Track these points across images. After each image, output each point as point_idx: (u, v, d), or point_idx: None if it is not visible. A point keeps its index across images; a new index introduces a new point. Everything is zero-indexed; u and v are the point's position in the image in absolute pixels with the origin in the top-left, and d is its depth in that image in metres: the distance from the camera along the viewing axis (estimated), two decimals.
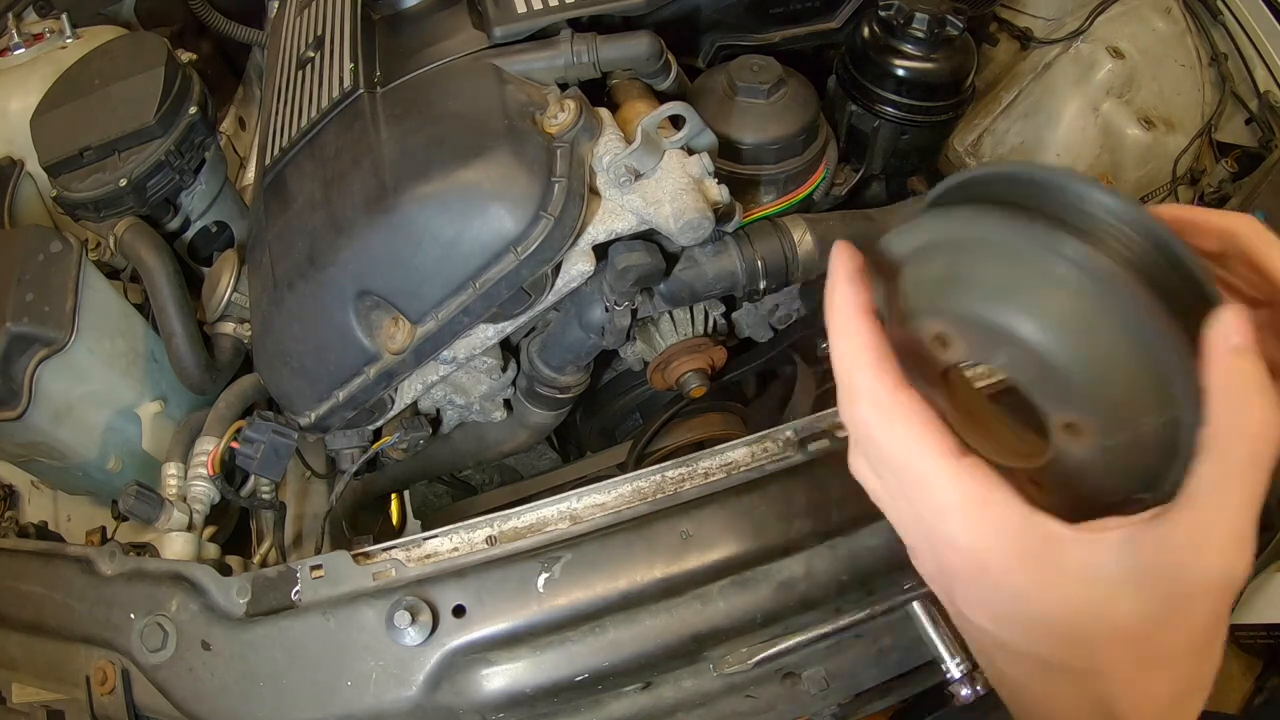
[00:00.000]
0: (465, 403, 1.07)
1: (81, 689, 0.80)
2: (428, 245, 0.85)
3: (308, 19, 1.15)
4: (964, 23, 1.06)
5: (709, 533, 0.83)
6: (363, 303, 0.89)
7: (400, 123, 0.91)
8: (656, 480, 0.87)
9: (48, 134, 1.16)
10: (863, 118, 1.13)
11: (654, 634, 0.81)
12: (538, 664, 0.80)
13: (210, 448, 0.97)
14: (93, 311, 1.04)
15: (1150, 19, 1.46)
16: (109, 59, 1.22)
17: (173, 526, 0.91)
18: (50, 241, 1.04)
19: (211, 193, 1.25)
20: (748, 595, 0.84)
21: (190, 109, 1.17)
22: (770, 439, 0.90)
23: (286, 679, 0.77)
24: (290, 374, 0.96)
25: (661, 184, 0.85)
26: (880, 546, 0.87)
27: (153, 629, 0.79)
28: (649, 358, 1.14)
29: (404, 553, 0.83)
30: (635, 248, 0.90)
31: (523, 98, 0.89)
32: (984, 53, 1.55)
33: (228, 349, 1.15)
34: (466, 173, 0.83)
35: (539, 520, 0.85)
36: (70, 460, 1.08)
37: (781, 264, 0.99)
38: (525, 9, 0.97)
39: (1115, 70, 1.41)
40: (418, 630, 0.76)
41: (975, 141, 1.51)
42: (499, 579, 0.80)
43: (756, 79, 1.01)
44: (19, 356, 0.98)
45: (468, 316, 0.87)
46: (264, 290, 0.98)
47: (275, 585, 0.80)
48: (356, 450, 1.01)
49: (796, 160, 1.03)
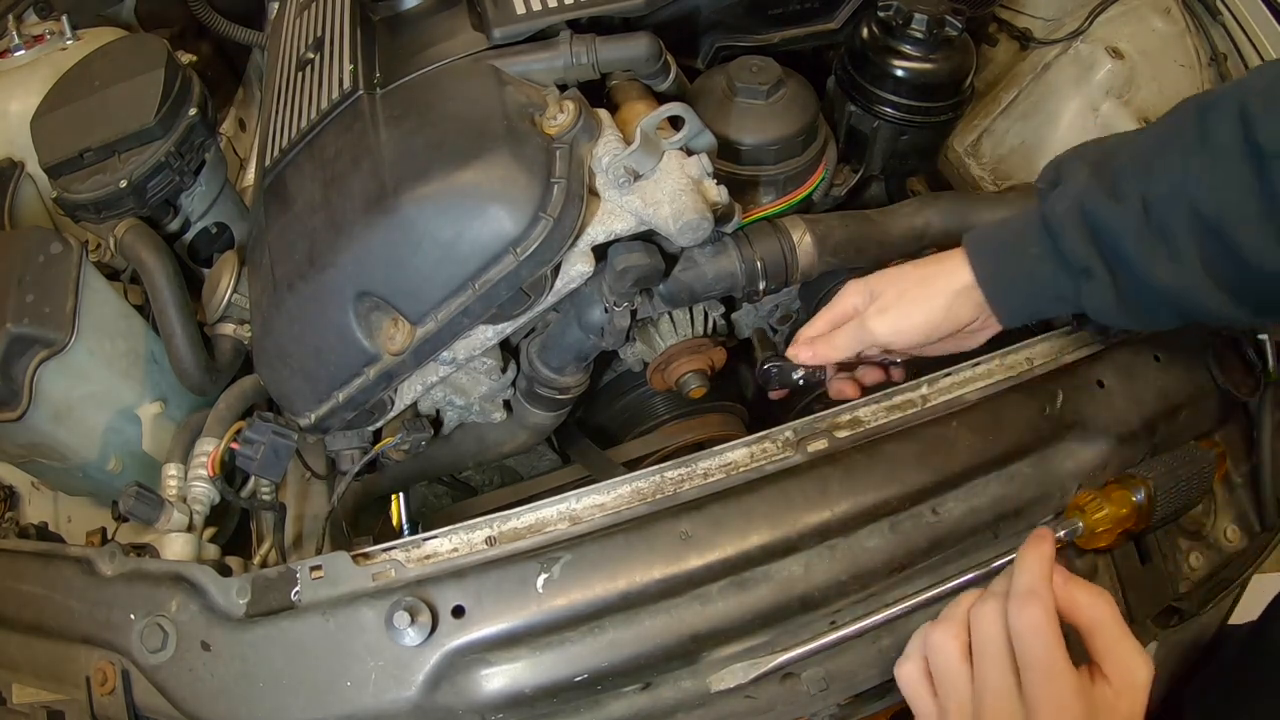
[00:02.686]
0: (465, 404, 1.07)
1: (81, 689, 0.80)
2: (427, 246, 0.85)
3: (307, 20, 1.15)
4: (963, 23, 1.06)
5: (708, 533, 0.83)
6: (362, 304, 0.89)
7: (400, 124, 0.91)
8: (656, 481, 0.87)
9: (48, 135, 1.16)
10: (862, 118, 1.13)
11: (653, 634, 0.81)
12: (537, 664, 0.80)
13: (210, 449, 0.97)
14: (93, 313, 1.04)
15: (1150, 19, 1.45)
16: (109, 60, 1.22)
17: (173, 527, 0.91)
18: (50, 243, 1.04)
19: (211, 194, 1.25)
20: (747, 595, 0.84)
21: (190, 110, 1.17)
22: (769, 439, 0.90)
23: (286, 679, 0.77)
24: (290, 375, 0.96)
25: (660, 185, 0.85)
26: (880, 547, 0.87)
27: (153, 629, 0.78)
28: (649, 358, 1.14)
29: (403, 553, 0.83)
30: (634, 249, 0.91)
31: (522, 99, 0.90)
32: (983, 53, 1.55)
33: (228, 350, 1.15)
34: (466, 174, 0.83)
35: (538, 521, 0.85)
36: (70, 461, 1.08)
37: (781, 265, 0.99)
38: (524, 10, 0.97)
39: (1115, 70, 1.41)
40: (417, 631, 0.76)
41: (975, 142, 1.51)
42: (498, 579, 0.80)
43: (755, 80, 1.01)
44: (19, 357, 0.98)
45: (467, 317, 0.87)
46: (264, 291, 0.98)
47: (275, 586, 0.80)
48: (357, 451, 1.01)
49: (796, 161, 1.03)
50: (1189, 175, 0.73)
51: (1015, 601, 0.67)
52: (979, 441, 0.90)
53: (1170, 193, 0.74)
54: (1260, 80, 0.73)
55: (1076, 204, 0.80)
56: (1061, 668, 0.65)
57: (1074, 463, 0.93)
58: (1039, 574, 0.68)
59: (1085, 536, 0.88)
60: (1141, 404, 0.96)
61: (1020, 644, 0.66)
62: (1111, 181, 0.78)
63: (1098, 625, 0.67)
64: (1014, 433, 0.92)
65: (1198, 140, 0.73)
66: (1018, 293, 0.86)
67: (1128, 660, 0.66)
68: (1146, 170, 0.76)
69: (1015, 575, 0.69)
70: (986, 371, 0.97)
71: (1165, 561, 1.02)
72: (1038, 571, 0.68)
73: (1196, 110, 0.75)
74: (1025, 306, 0.88)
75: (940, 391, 0.95)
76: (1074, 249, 0.80)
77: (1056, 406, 0.94)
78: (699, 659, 0.84)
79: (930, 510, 0.89)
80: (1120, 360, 0.98)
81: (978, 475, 0.91)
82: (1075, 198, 0.80)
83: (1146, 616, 0.98)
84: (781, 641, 0.85)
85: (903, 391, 0.95)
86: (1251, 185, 0.70)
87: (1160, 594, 1.00)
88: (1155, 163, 0.76)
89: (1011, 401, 0.93)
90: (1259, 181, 0.69)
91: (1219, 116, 0.72)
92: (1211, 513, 1.09)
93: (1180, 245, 0.74)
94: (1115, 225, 0.77)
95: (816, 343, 0.95)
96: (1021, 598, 0.67)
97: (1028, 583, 0.68)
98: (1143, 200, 0.75)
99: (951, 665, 0.69)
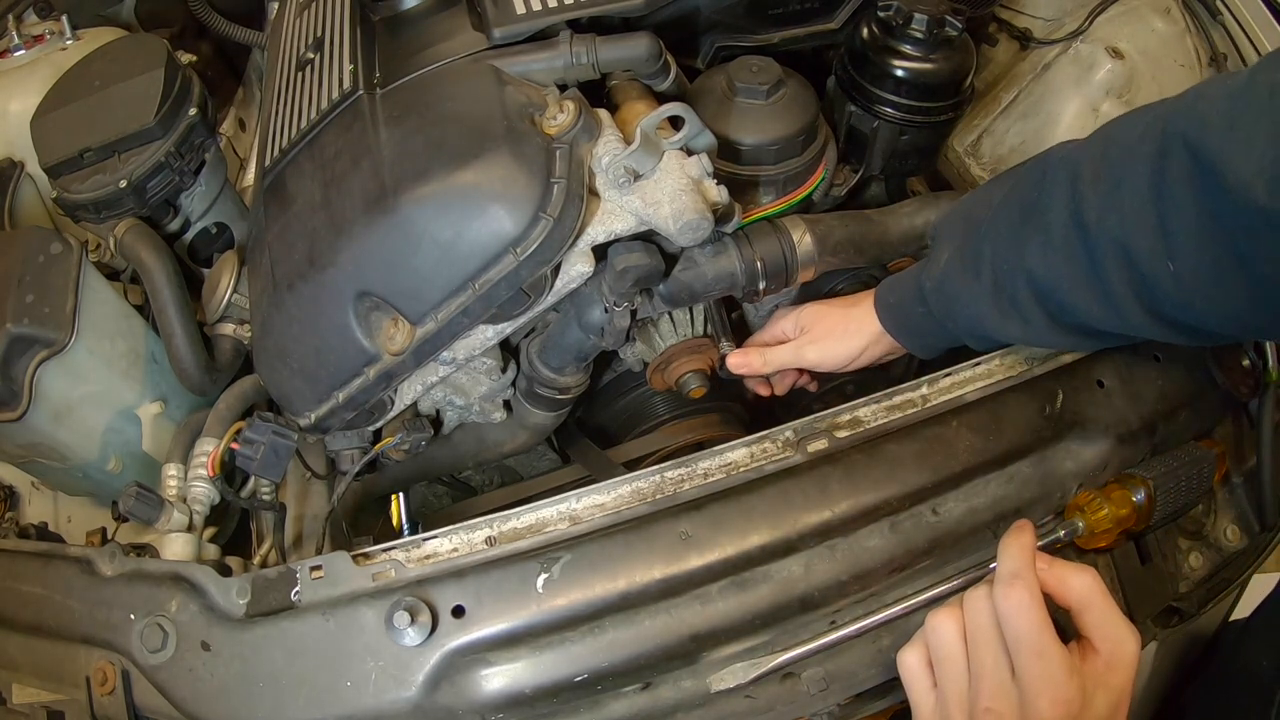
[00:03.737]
0: (465, 404, 1.07)
1: (81, 690, 0.80)
2: (427, 246, 0.85)
3: (307, 20, 1.15)
4: (963, 23, 1.06)
5: (708, 533, 0.83)
6: (362, 304, 0.89)
7: (400, 124, 0.91)
8: (655, 481, 0.87)
9: (48, 135, 1.16)
10: (862, 118, 1.13)
11: (653, 634, 0.81)
12: (537, 664, 0.80)
13: (210, 449, 0.97)
14: (93, 313, 1.04)
15: (1150, 19, 1.45)
16: (109, 60, 1.22)
17: (173, 527, 0.92)
18: (50, 243, 1.04)
19: (211, 194, 1.25)
20: (747, 595, 0.84)
21: (190, 110, 1.17)
22: (769, 439, 0.90)
23: (286, 679, 0.77)
24: (290, 375, 0.96)
25: (660, 185, 0.85)
26: (880, 546, 0.87)
27: (153, 629, 0.79)
28: (649, 358, 1.14)
29: (403, 553, 0.83)
30: (634, 249, 0.91)
31: (522, 99, 0.90)
32: (983, 53, 1.55)
33: (228, 350, 1.15)
34: (466, 174, 0.83)
35: (538, 521, 0.85)
36: (70, 461, 1.08)
37: (781, 265, 0.99)
38: (524, 10, 0.97)
39: (1115, 70, 1.41)
40: (417, 631, 0.76)
41: (975, 142, 1.51)
42: (498, 579, 0.80)
43: (755, 80, 1.01)
44: (19, 357, 0.98)
45: (467, 317, 0.87)
46: (264, 291, 0.98)
47: (275, 586, 0.80)
48: (357, 451, 1.02)
49: (795, 161, 1.03)
50: (1026, 247, 0.81)
51: (1000, 586, 0.69)
52: (979, 441, 0.90)
53: (1012, 267, 0.83)
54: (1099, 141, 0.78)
55: (940, 281, 0.92)
56: (1050, 645, 0.66)
57: (1074, 463, 0.93)
58: (1021, 559, 0.70)
59: (1085, 536, 0.88)
60: (1141, 404, 0.96)
61: (1008, 626, 0.68)
62: (969, 260, 0.88)
63: (1086, 602, 0.69)
64: (1014, 433, 0.92)
65: (1036, 211, 0.80)
66: (920, 338, 1.00)
67: (1115, 633, 0.68)
68: (994, 244, 0.85)
69: (999, 562, 0.71)
70: (986, 371, 0.97)
71: (1165, 561, 1.02)
72: (1019, 557, 0.70)
73: (1041, 175, 0.82)
74: (931, 348, 1.02)
75: (940, 391, 0.96)
76: (943, 316, 0.93)
77: (1056, 406, 0.94)
78: (699, 659, 0.84)
79: (930, 510, 0.89)
80: (1120, 360, 0.98)
81: (978, 475, 0.91)
82: (939, 277, 0.92)
83: (1146, 616, 0.98)
84: (781, 641, 0.85)
85: (903, 391, 0.96)
86: (1079, 260, 0.76)
87: (1160, 594, 1.00)
88: (1000, 235, 0.85)
89: (1011, 401, 0.93)
90: (1085, 254, 0.75)
91: (1053, 187, 0.79)
92: (1211, 513, 1.09)
93: (1027, 310, 0.84)
94: (971, 298, 0.88)
95: (750, 354, 1.08)
96: (1005, 581, 0.69)
97: (1010, 567, 0.70)
98: (993, 272, 0.85)
99: (951, 649, 0.71)
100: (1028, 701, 0.66)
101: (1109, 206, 0.73)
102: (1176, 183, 0.67)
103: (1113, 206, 0.72)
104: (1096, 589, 0.69)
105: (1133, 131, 0.73)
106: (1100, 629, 0.68)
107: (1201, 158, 0.65)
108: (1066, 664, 0.66)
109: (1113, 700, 0.67)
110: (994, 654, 0.68)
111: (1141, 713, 1.06)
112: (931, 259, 0.94)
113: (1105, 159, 0.74)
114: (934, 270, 0.93)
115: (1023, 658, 0.67)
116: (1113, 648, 0.68)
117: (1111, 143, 0.75)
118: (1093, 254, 0.74)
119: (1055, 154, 0.82)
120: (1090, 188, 0.74)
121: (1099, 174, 0.74)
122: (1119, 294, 0.74)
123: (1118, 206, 0.72)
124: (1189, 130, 0.66)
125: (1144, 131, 0.71)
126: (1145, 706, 1.07)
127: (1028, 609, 0.67)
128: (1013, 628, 0.67)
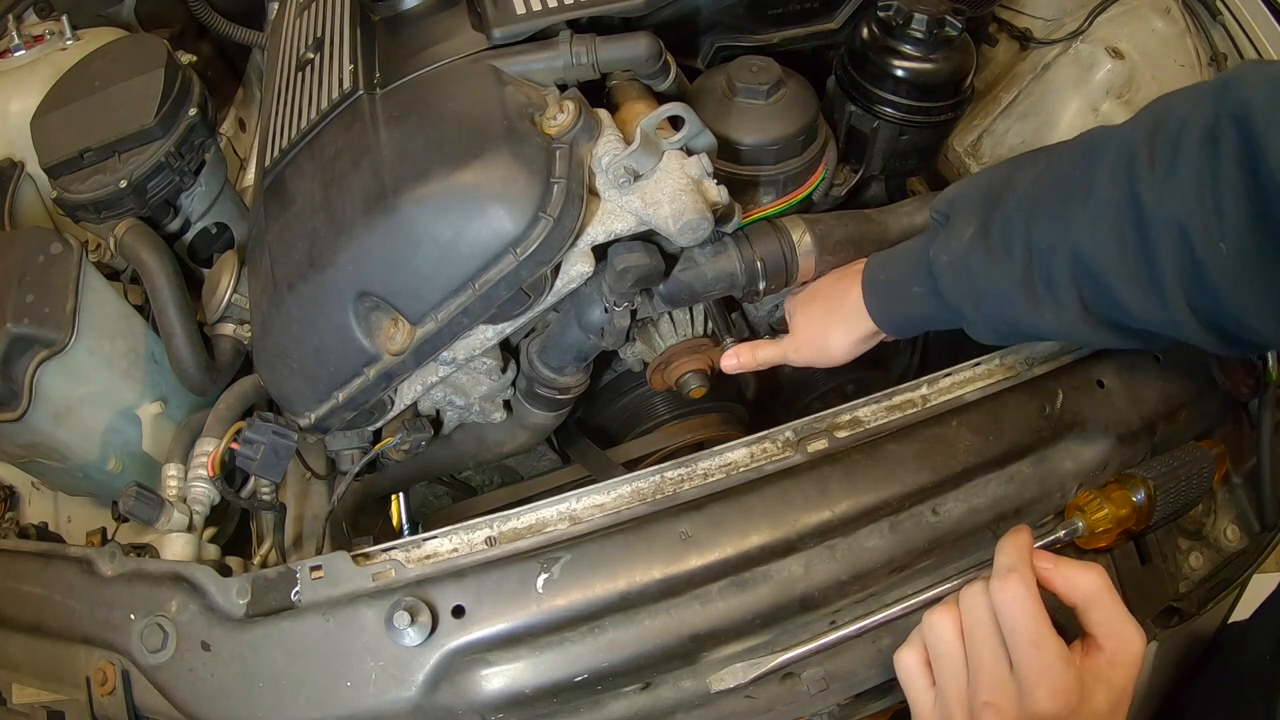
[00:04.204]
0: (465, 404, 1.07)
1: (81, 690, 0.80)
2: (427, 246, 0.85)
3: (307, 20, 1.15)
4: (963, 23, 1.06)
5: (708, 533, 0.83)
6: (362, 304, 0.89)
7: (400, 124, 0.91)
8: (655, 481, 0.87)
9: (48, 135, 1.16)
10: (862, 118, 1.13)
11: (653, 634, 0.81)
12: (537, 664, 0.80)
13: (210, 449, 0.97)
14: (93, 313, 1.05)
15: (1150, 19, 1.45)
16: (109, 61, 1.22)
17: (173, 527, 0.91)
18: (50, 243, 1.04)
19: (211, 194, 1.25)
20: (747, 595, 0.84)
21: (190, 110, 1.17)
22: (769, 440, 0.90)
23: (286, 679, 0.77)
24: (290, 375, 0.96)
25: (660, 185, 0.85)
26: (880, 547, 0.87)
27: (153, 629, 0.79)
28: (649, 358, 1.14)
29: (403, 553, 0.83)
30: (634, 249, 0.91)
31: (522, 99, 0.90)
32: (983, 53, 1.55)
33: (228, 350, 1.15)
34: (466, 174, 0.83)
35: (538, 521, 0.85)
36: (71, 461, 1.08)
37: (781, 264, 0.99)
38: (524, 10, 0.97)
39: (1115, 70, 1.41)
40: (417, 631, 0.76)
41: (975, 142, 1.51)
42: (498, 579, 0.80)
43: (755, 80, 1.01)
44: (19, 357, 0.98)
45: (467, 317, 0.87)
46: (264, 291, 0.98)
47: (275, 586, 0.80)
48: (357, 451, 1.02)
49: (795, 161, 1.03)
50: (1071, 225, 0.76)
51: (996, 579, 0.69)
52: (979, 441, 0.90)
53: (1053, 244, 0.77)
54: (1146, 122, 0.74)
55: (960, 259, 0.84)
56: (1046, 635, 0.66)
57: (1074, 463, 0.93)
58: (1017, 555, 0.70)
59: (1085, 536, 0.88)
60: (1141, 404, 0.96)
61: (1004, 618, 0.68)
62: (996, 236, 0.82)
63: (1093, 599, 0.69)
64: (1014, 433, 0.92)
65: (1082, 190, 0.76)
66: (902, 319, 0.95)
67: (1121, 629, 0.68)
68: (1030, 219, 0.79)
69: (995, 559, 0.72)
70: (986, 371, 0.97)
71: (1165, 561, 1.02)
72: (1015, 553, 0.71)
73: (1085, 154, 0.78)
74: (905, 329, 0.98)
75: (940, 391, 0.96)
76: (953, 296, 0.86)
77: (1056, 406, 0.94)
78: (699, 659, 0.84)
79: (930, 510, 0.89)
80: (1120, 360, 0.98)
81: (978, 475, 0.91)
82: (959, 254, 0.84)
83: (1146, 616, 0.98)
84: (781, 641, 0.85)
85: (903, 391, 0.96)
86: (1129, 242, 0.73)
87: (1160, 594, 1.00)
88: (1039, 211, 0.79)
89: (1011, 401, 0.94)
90: (1138, 235, 0.72)
91: (1107, 166, 0.75)
92: (1211, 513, 1.09)
93: (1062, 294, 0.78)
94: (998, 278, 0.81)
95: (741, 353, 1.05)
96: (1001, 574, 0.69)
97: (1006, 562, 0.70)
98: (1027, 250, 0.79)
99: (949, 645, 0.71)
100: (1025, 692, 0.66)
101: (1168, 186, 0.70)
102: (1229, 162, 0.66)
103: (1172, 186, 0.70)
104: (1104, 586, 0.69)
105: (1181, 112, 0.71)
106: (1105, 625, 0.68)
107: (1250, 140, 0.64)
108: (1063, 655, 0.66)
109: (1114, 697, 0.67)
110: (992, 647, 0.68)
111: (1141, 712, 1.06)
112: (944, 234, 0.88)
113: (1157, 140, 0.72)
114: (954, 245, 0.86)
115: (1019, 648, 0.67)
116: (1117, 644, 0.68)
117: (1160, 125, 0.73)
118: (1146, 234, 0.72)
119: (1098, 135, 0.79)
120: (1147, 168, 0.72)
121: (1155, 154, 0.72)
122: (1167, 280, 0.71)
123: (1177, 187, 0.69)
124: (1238, 112, 0.65)
125: (1192, 113, 0.70)
126: (1145, 706, 1.07)
127: (1023, 600, 0.67)
128: (1009, 619, 0.68)
